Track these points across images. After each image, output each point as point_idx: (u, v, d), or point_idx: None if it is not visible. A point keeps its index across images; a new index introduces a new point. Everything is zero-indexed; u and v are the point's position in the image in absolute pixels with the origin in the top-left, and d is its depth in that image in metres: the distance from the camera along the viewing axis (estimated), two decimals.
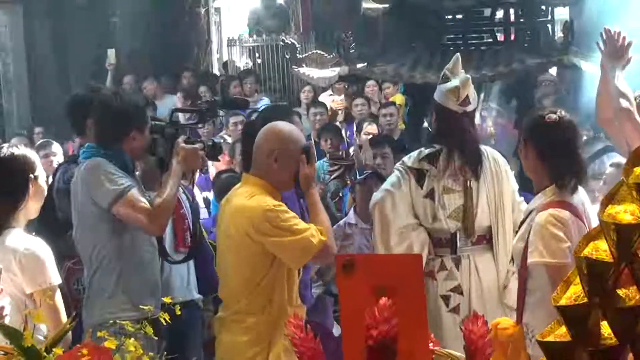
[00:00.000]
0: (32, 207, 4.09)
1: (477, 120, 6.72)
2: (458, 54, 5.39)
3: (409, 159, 5.38)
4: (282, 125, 4.53)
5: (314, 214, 4.46)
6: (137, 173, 5.22)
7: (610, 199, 1.64)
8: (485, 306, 5.07)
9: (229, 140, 9.26)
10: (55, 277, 3.93)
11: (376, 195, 5.43)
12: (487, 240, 5.27)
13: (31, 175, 4.04)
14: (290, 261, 4.35)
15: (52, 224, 5.17)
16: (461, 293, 5.22)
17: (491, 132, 9.28)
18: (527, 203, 5.49)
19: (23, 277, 3.87)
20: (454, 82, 5.22)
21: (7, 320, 3.18)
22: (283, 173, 4.37)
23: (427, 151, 5.33)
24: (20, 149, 4.14)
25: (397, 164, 5.56)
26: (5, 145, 4.25)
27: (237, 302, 4.38)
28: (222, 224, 4.48)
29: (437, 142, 5.35)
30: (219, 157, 5.57)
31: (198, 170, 5.50)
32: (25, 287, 3.88)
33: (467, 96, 5.21)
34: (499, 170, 5.31)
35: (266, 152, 4.36)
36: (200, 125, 5.14)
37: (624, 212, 1.62)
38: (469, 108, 5.26)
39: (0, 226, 3.93)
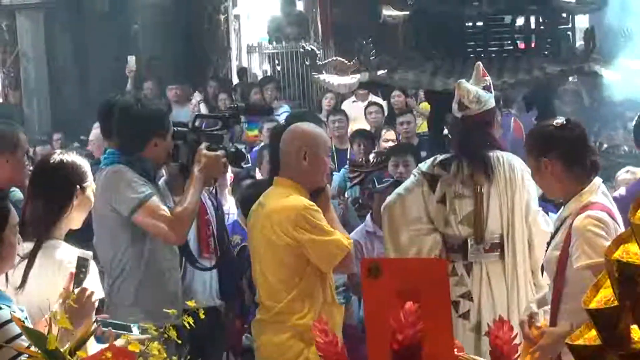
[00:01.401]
0: (76, 218, 4.01)
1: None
2: (479, 63, 5.40)
3: (425, 164, 5.46)
4: (307, 125, 4.68)
5: (333, 224, 4.55)
6: (163, 178, 5.22)
7: None
8: (495, 313, 5.07)
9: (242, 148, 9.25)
10: (98, 292, 3.80)
11: (388, 199, 5.47)
12: (500, 249, 5.26)
13: (77, 186, 3.96)
14: (321, 262, 4.43)
15: (75, 231, 5.19)
16: (471, 299, 5.23)
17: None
18: (547, 213, 5.51)
19: (53, 287, 3.83)
20: (475, 82, 5.29)
21: None
22: (313, 171, 4.50)
23: (441, 157, 5.39)
24: (70, 157, 4.04)
25: (414, 170, 5.62)
26: (58, 151, 4.17)
27: (277, 303, 4.44)
28: (256, 227, 4.54)
29: (450, 149, 5.45)
30: (242, 164, 5.55)
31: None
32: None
33: (460, 101, 5.24)
34: (514, 176, 5.28)
35: (295, 152, 4.48)
36: (224, 132, 5.12)
37: None
38: (469, 112, 5.26)
39: (44, 234, 3.85)
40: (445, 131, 7.12)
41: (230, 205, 6.62)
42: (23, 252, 3.74)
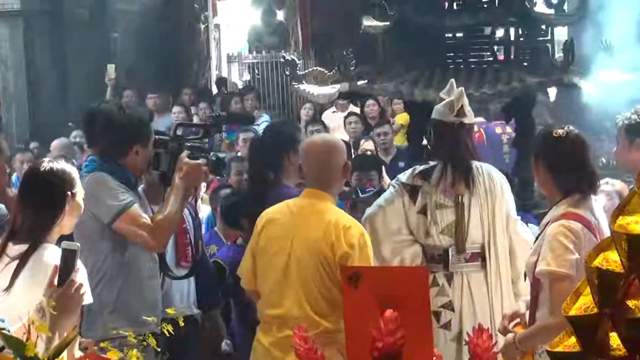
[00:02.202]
0: (67, 223, 4.03)
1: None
2: (452, 80, 5.44)
3: (404, 175, 5.46)
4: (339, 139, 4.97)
5: None
6: (141, 187, 5.22)
7: (621, 209, 1.65)
8: (476, 323, 5.08)
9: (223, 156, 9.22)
10: (87, 297, 3.77)
11: (368, 210, 5.48)
12: (482, 259, 5.28)
13: (68, 192, 3.97)
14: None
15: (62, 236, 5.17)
16: (452, 309, 5.24)
17: (505, 150, 9.34)
18: (526, 223, 5.55)
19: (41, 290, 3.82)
20: (450, 98, 5.29)
21: None
22: (343, 183, 4.80)
23: (421, 168, 5.40)
24: (59, 164, 4.06)
25: (393, 181, 5.64)
26: (46, 159, 4.17)
27: (321, 321, 4.45)
28: (297, 241, 4.57)
29: (433, 158, 5.41)
30: (223, 173, 5.56)
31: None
32: None
33: (462, 106, 5.27)
34: (494, 186, 5.33)
35: (341, 165, 4.67)
36: (206, 141, 5.13)
37: (635, 223, 1.62)
38: (466, 120, 5.30)
39: (37, 240, 3.85)
40: (425, 141, 7.13)
41: (203, 215, 6.60)
42: (13, 254, 3.78)
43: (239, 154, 9.34)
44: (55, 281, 3.52)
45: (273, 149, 5.42)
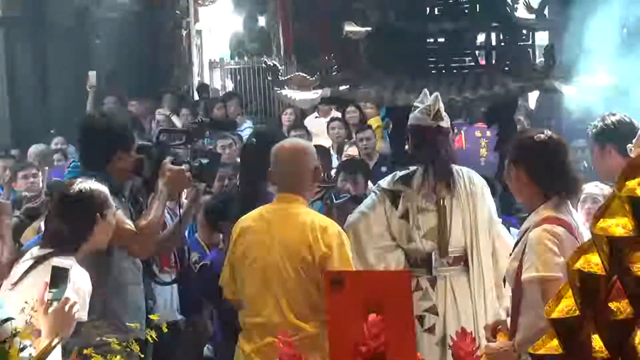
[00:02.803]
0: (99, 240, 4.14)
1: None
2: (425, 89, 5.46)
3: (384, 181, 5.48)
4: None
5: None
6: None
7: (602, 212, 1.66)
8: (460, 327, 5.09)
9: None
10: (83, 314, 3.87)
11: (350, 217, 5.48)
12: (464, 262, 5.30)
13: (98, 215, 4.06)
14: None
15: None
16: (436, 313, 5.25)
17: (482, 153, 9.36)
18: (508, 227, 5.56)
19: None
20: (425, 103, 5.32)
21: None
22: (314, 187, 4.77)
23: (401, 173, 5.43)
24: (89, 186, 4.12)
25: (373, 187, 5.65)
26: (78, 180, 4.19)
27: (303, 326, 4.41)
28: (274, 247, 4.53)
29: (413, 162, 5.44)
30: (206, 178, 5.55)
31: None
32: None
33: (438, 110, 5.28)
34: (475, 190, 5.35)
35: (311, 169, 4.66)
36: (189, 146, 5.12)
37: (616, 226, 1.64)
38: (443, 123, 5.32)
39: (60, 253, 3.93)
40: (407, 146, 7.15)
41: None
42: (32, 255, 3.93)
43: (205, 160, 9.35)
44: (46, 297, 3.55)
45: (266, 154, 5.42)
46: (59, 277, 3.61)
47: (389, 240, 5.35)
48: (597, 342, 1.71)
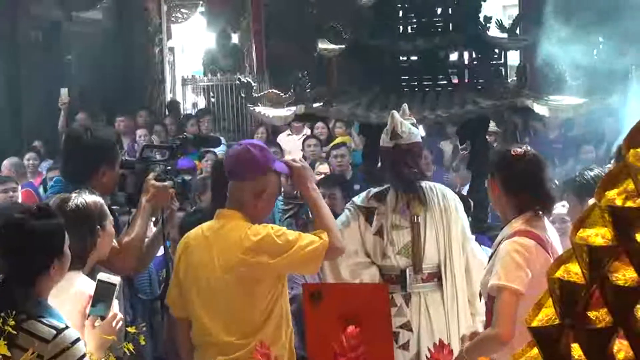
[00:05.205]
0: (101, 251, 4.15)
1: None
2: (393, 112, 5.47)
3: (359, 198, 5.52)
4: None
5: (316, 212, 4.57)
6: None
7: (581, 222, 1.69)
8: (434, 343, 5.11)
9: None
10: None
11: None
12: (438, 278, 5.33)
13: (98, 227, 4.07)
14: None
15: None
16: (410, 330, 5.27)
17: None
18: (480, 244, 5.61)
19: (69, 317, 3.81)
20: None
21: None
22: (268, 209, 4.62)
23: (375, 190, 5.47)
24: (86, 199, 4.11)
25: (348, 204, 5.66)
26: (74, 194, 4.16)
27: (253, 336, 4.28)
28: (214, 264, 4.41)
29: (384, 181, 5.50)
30: (189, 195, 5.55)
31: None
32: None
33: (394, 130, 5.30)
34: (448, 205, 5.39)
35: (255, 186, 4.46)
36: (172, 162, 5.11)
37: (596, 235, 1.66)
38: (401, 141, 5.32)
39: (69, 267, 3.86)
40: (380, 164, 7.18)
41: None
42: None
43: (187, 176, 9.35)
44: (87, 310, 3.55)
45: None
46: (103, 292, 3.59)
47: (363, 257, 5.37)
48: (576, 351, 1.73)
